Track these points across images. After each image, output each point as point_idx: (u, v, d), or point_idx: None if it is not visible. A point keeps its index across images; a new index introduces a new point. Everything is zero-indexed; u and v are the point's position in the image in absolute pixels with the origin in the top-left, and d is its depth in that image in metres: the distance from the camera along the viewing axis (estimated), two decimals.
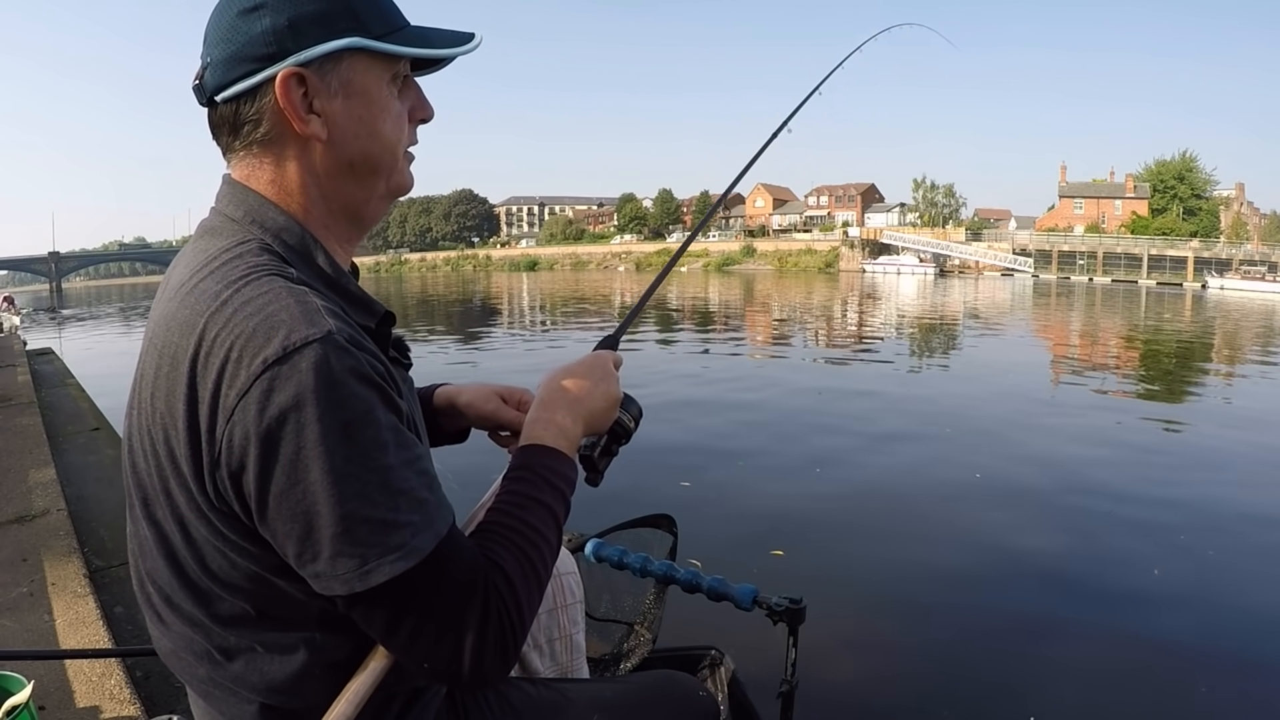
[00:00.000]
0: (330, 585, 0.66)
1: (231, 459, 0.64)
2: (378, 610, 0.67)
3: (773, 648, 1.34)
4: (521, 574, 0.73)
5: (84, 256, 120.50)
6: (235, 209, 0.76)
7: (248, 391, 0.62)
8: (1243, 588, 3.74)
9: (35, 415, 5.12)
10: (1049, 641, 3.27)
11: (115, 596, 2.53)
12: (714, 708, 1.10)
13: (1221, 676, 2.99)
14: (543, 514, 0.78)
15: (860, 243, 63.87)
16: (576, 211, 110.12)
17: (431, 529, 0.67)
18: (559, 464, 0.83)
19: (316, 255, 0.76)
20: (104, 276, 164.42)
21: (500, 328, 20.29)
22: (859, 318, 22.01)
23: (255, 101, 0.73)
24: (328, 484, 0.63)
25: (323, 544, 0.64)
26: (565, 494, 0.82)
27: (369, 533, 0.64)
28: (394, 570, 0.65)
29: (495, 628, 0.69)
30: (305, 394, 0.62)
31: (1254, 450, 6.52)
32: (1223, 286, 41.71)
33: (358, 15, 0.74)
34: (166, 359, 0.68)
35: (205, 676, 0.75)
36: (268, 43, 0.71)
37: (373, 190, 0.81)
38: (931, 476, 5.67)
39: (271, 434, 0.62)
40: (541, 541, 0.77)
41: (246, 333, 0.64)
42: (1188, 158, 60.81)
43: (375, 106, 0.77)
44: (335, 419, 0.63)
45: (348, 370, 0.64)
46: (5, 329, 15.66)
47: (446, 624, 0.68)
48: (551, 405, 0.88)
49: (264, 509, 0.64)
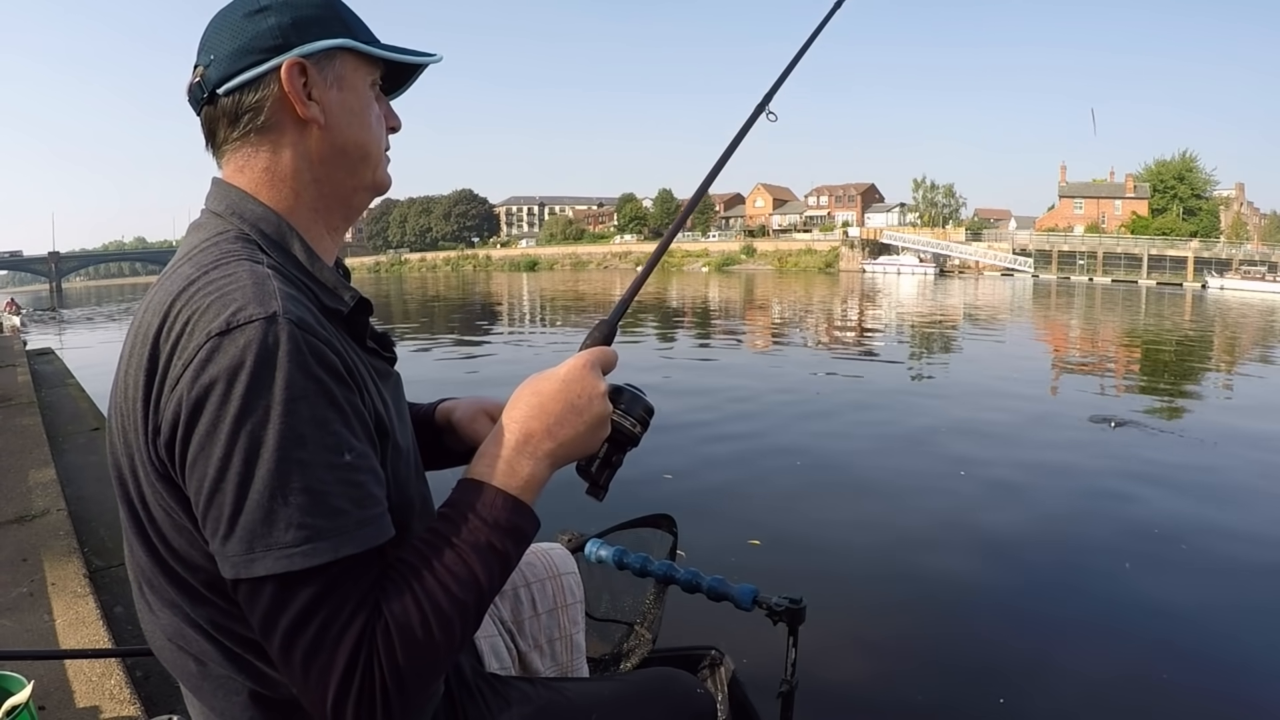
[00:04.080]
0: (224, 566, 0.64)
1: (165, 426, 0.65)
2: (254, 604, 0.64)
3: (773, 648, 1.34)
4: (412, 622, 0.65)
5: (84, 256, 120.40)
6: (219, 204, 0.80)
7: (190, 362, 0.64)
8: (1243, 589, 3.74)
9: (35, 415, 5.12)
10: (1049, 641, 3.27)
11: (115, 596, 2.53)
12: (711, 705, 1.10)
13: (1221, 677, 2.99)
14: (458, 560, 0.69)
15: (860, 243, 63.86)
16: (576, 211, 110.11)
17: (331, 541, 0.63)
18: (491, 504, 0.73)
19: (292, 243, 0.79)
20: (104, 276, 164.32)
21: (500, 328, 20.29)
22: (858, 318, 22.01)
23: (258, 91, 0.78)
24: (236, 463, 0.62)
25: (222, 521, 0.63)
26: (492, 538, 0.71)
27: (261, 523, 0.62)
28: (276, 567, 0.62)
29: (362, 675, 0.63)
30: (236, 369, 0.62)
31: (1254, 450, 6.53)
32: (1223, 286, 41.71)
33: (346, 23, 0.83)
34: (139, 339, 0.70)
35: (195, 668, 0.75)
36: (274, 36, 0.78)
37: (360, 179, 0.86)
38: (932, 476, 5.66)
39: (198, 402, 0.63)
40: (450, 586, 0.68)
41: (201, 309, 0.66)
42: (1188, 158, 60.83)
43: (362, 101, 0.84)
44: (259, 400, 0.62)
45: (285, 353, 0.64)
46: (5, 330, 15.66)
47: (312, 651, 0.63)
48: (501, 437, 0.78)
49: (187, 476, 0.65)
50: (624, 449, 0.86)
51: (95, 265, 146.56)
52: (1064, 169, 66.58)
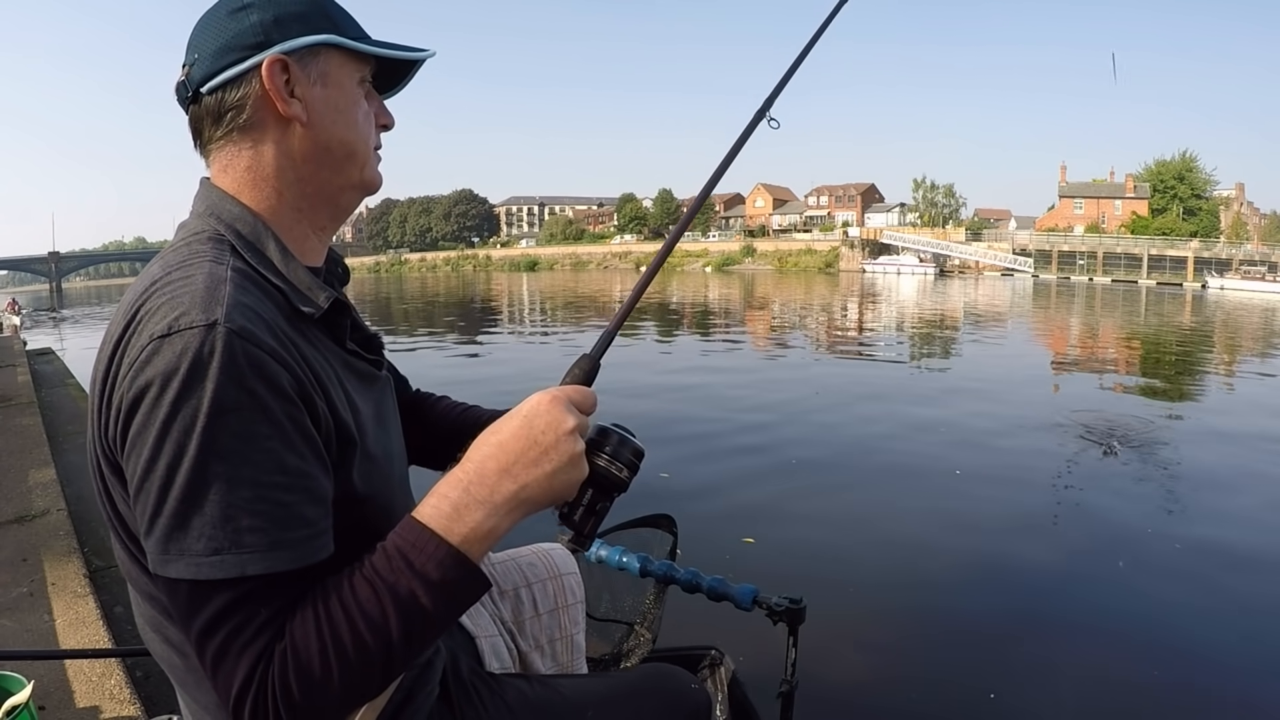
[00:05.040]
0: (148, 560, 0.66)
1: (110, 422, 0.67)
2: (173, 601, 0.66)
3: (773, 648, 1.34)
4: (310, 654, 0.63)
5: (84, 256, 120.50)
6: (200, 204, 0.81)
7: (135, 361, 0.65)
8: (1239, 588, 3.74)
9: (35, 415, 5.12)
10: (1046, 639, 3.27)
11: (115, 596, 2.53)
12: (706, 701, 1.11)
13: (1222, 677, 2.99)
14: (373, 600, 0.65)
15: (860, 243, 63.85)
16: (576, 211, 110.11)
17: (238, 557, 0.62)
18: (423, 550, 0.67)
19: (266, 244, 0.78)
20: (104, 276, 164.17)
21: (500, 328, 20.29)
22: (858, 318, 22.01)
23: (240, 89, 0.78)
24: (160, 467, 0.63)
25: (144, 518, 0.65)
26: (415, 587, 0.66)
27: (175, 526, 0.63)
28: (185, 573, 0.63)
29: (257, 690, 0.62)
30: (170, 374, 0.63)
31: (1254, 449, 6.53)
32: (1223, 286, 41.71)
33: (332, 19, 0.82)
34: (108, 337, 0.71)
35: (180, 660, 0.76)
36: (255, 33, 0.77)
37: (347, 178, 0.84)
38: (929, 476, 5.66)
39: (134, 402, 0.64)
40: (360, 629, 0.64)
41: (152, 310, 0.67)
42: (1188, 158, 60.83)
43: (348, 98, 0.83)
44: (185, 407, 0.63)
45: (219, 364, 0.63)
46: (6, 329, 15.67)
47: (218, 658, 0.63)
48: (454, 477, 0.71)
49: (122, 468, 0.67)
50: (610, 495, 0.80)
51: (95, 265, 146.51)
52: (1064, 169, 66.67)
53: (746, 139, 1.06)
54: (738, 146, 1.05)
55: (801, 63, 1.14)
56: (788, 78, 1.12)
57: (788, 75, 1.12)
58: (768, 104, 1.08)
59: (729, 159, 1.05)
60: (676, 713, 1.04)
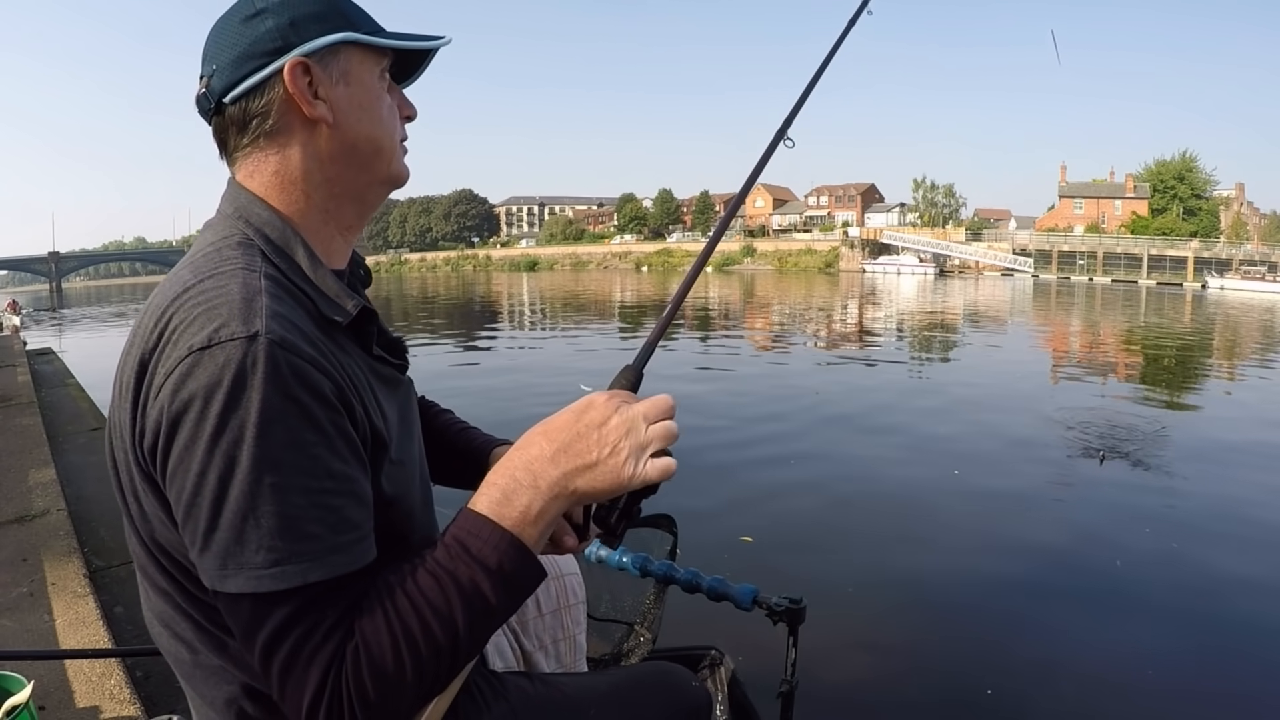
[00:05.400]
0: (201, 574, 0.66)
1: (149, 433, 0.66)
2: (233, 616, 0.66)
3: (773, 648, 1.35)
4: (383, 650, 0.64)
5: (84, 256, 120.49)
6: (229, 206, 0.80)
7: (171, 373, 0.64)
8: (1235, 588, 3.74)
9: (35, 415, 5.11)
10: (1048, 639, 3.28)
11: (115, 596, 2.53)
12: (707, 699, 1.11)
13: (1220, 676, 2.99)
14: (438, 592, 0.67)
15: (860, 243, 63.85)
16: (576, 211, 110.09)
17: (300, 565, 0.63)
18: (482, 539, 0.69)
19: (295, 249, 0.78)
20: (104, 276, 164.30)
21: (501, 328, 20.28)
22: (858, 318, 22.01)
23: (264, 95, 0.77)
24: (210, 482, 0.63)
25: (197, 535, 0.64)
26: (477, 576, 0.68)
27: (234, 542, 0.63)
28: (246, 587, 0.63)
29: (330, 696, 0.63)
30: (214, 387, 0.63)
31: (1254, 448, 6.53)
32: (1223, 286, 41.71)
33: (347, 16, 0.81)
34: (137, 339, 0.71)
35: (188, 656, 0.76)
36: (273, 39, 0.77)
37: (374, 174, 0.84)
38: (928, 476, 5.66)
39: (176, 418, 0.64)
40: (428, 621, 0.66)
41: (188, 320, 0.66)
42: (1188, 158, 60.82)
43: (371, 94, 0.82)
44: (233, 420, 0.62)
45: (263, 375, 0.63)
46: (6, 329, 15.67)
47: (287, 668, 0.63)
48: (504, 466, 0.74)
49: (162, 484, 0.67)
50: (644, 497, 0.81)
51: (95, 265, 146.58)
52: (1064, 169, 66.65)
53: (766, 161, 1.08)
54: (758, 170, 1.08)
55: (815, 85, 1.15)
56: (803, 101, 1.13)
57: (803, 98, 1.13)
58: (786, 125, 1.10)
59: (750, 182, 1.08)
60: (677, 710, 1.04)
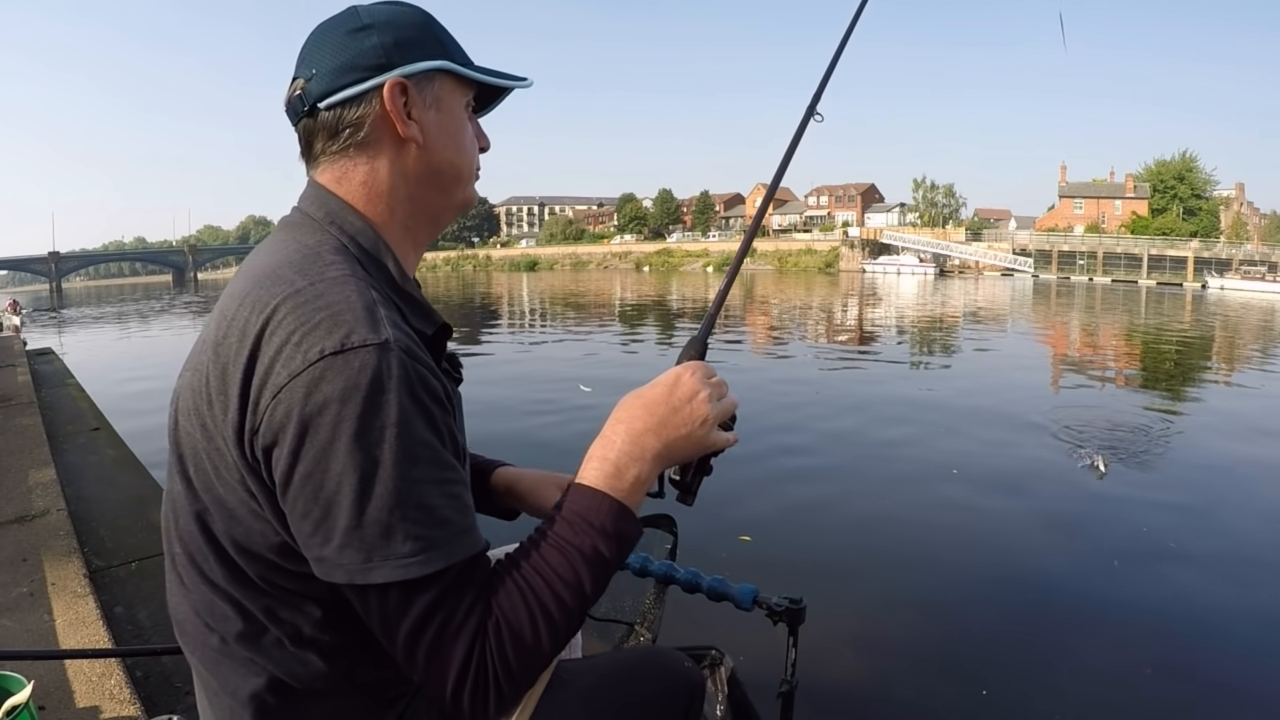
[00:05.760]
0: (332, 572, 0.68)
1: (269, 432, 0.68)
2: (374, 606, 0.69)
3: (773, 648, 1.34)
4: (521, 621, 0.70)
5: (84, 256, 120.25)
6: (317, 209, 0.82)
7: (299, 374, 0.66)
8: (1231, 587, 3.74)
9: (35, 415, 5.11)
10: (1047, 638, 3.28)
11: (115, 596, 2.53)
12: (699, 679, 1.12)
13: (1222, 675, 2.99)
14: (563, 562, 0.74)
15: (860, 243, 63.83)
16: (576, 211, 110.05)
17: (445, 549, 0.68)
18: (597, 509, 0.76)
19: (386, 260, 0.81)
20: (104, 276, 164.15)
21: (501, 328, 20.28)
22: (858, 318, 22.01)
23: (360, 107, 0.80)
24: (351, 480, 0.66)
25: (335, 532, 0.67)
26: (597, 542, 0.75)
27: (379, 535, 0.66)
28: (393, 575, 0.66)
29: (476, 667, 0.68)
30: (351, 391, 0.66)
31: (1254, 448, 6.53)
32: (1223, 286, 41.69)
33: (444, 45, 0.86)
34: (235, 330, 0.72)
35: (217, 645, 0.78)
36: (377, 56, 0.80)
37: (451, 198, 0.89)
38: (927, 475, 5.66)
39: (310, 419, 0.66)
40: (557, 590, 0.72)
41: (312, 322, 0.68)
42: (1188, 158, 60.81)
43: (458, 122, 0.87)
44: (373, 422, 0.66)
45: (396, 380, 0.67)
46: (6, 329, 15.67)
47: (433, 649, 0.68)
48: (609, 440, 0.80)
49: (287, 486, 0.68)
50: (711, 458, 0.88)
51: (95, 265, 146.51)
52: (1064, 169, 66.65)
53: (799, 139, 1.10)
54: (791, 148, 1.10)
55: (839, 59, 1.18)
56: (829, 75, 1.16)
57: (828, 72, 1.16)
58: (814, 101, 1.12)
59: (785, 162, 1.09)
60: (674, 689, 1.05)
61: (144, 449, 4.71)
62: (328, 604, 0.75)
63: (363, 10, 0.83)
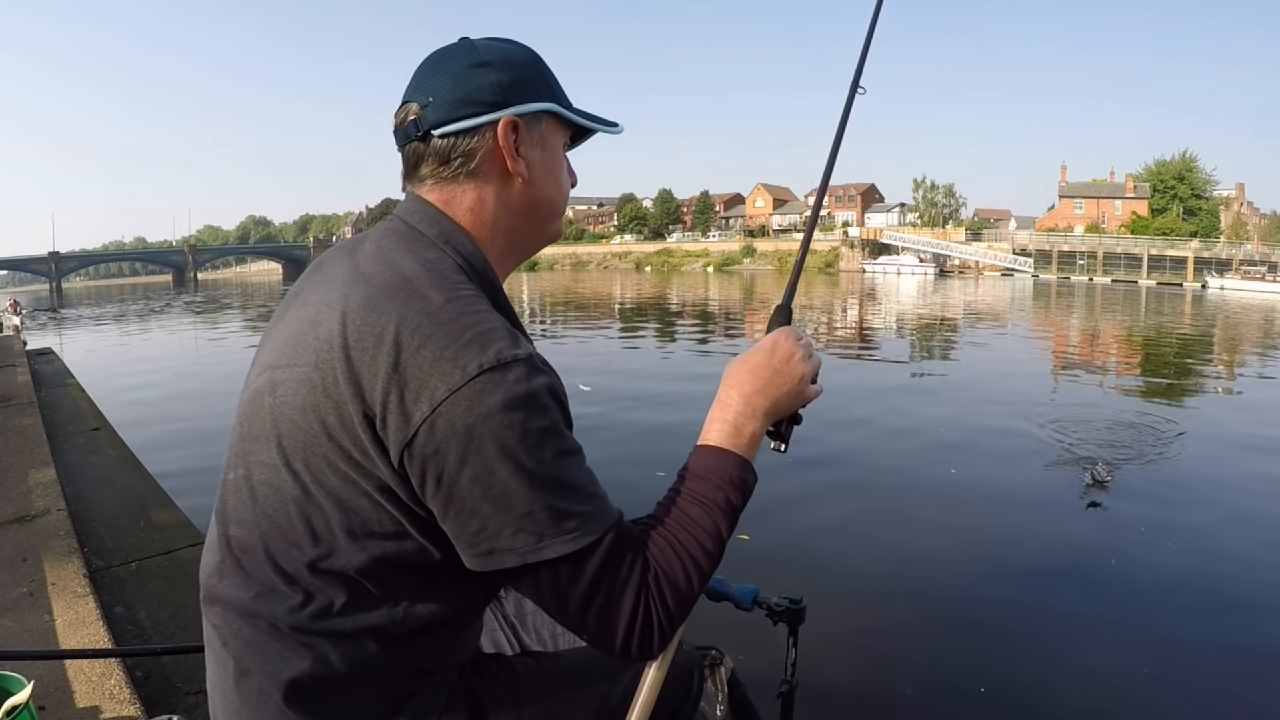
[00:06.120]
0: (502, 559, 0.75)
1: (429, 443, 0.73)
2: (546, 581, 0.76)
3: (773, 648, 1.35)
4: (676, 570, 0.80)
5: (84, 256, 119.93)
6: (430, 227, 0.86)
7: (459, 389, 0.72)
8: (1228, 585, 3.74)
9: (35, 415, 5.11)
10: (1048, 638, 3.28)
11: (115, 596, 2.53)
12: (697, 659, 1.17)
13: (1221, 674, 2.99)
14: (703, 514, 0.84)
15: (860, 243, 63.83)
16: (576, 211, 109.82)
17: (601, 520, 0.77)
18: (725, 464, 0.87)
19: (492, 283, 0.88)
20: (104, 276, 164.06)
21: None
22: (857, 318, 22.01)
23: (473, 139, 0.86)
24: (522, 476, 0.73)
25: (507, 524, 0.74)
26: (729, 494, 0.86)
27: (549, 518, 0.74)
28: (564, 549, 0.75)
29: (643, 615, 0.78)
30: (512, 400, 0.73)
31: (1251, 449, 6.53)
32: (1223, 286, 41.68)
33: (552, 88, 0.92)
34: (370, 337, 0.75)
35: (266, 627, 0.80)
36: (494, 93, 0.86)
37: (545, 230, 0.96)
38: (926, 475, 5.67)
39: (475, 428, 0.72)
40: (701, 539, 0.82)
41: (463, 340, 0.74)
42: (1188, 158, 60.79)
43: (559, 161, 0.94)
44: (533, 424, 0.74)
45: (542, 387, 0.76)
46: (6, 329, 15.67)
47: (605, 607, 0.77)
48: (725, 404, 0.91)
49: (453, 490, 0.74)
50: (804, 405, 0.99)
51: (95, 265, 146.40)
52: (1064, 169, 66.61)
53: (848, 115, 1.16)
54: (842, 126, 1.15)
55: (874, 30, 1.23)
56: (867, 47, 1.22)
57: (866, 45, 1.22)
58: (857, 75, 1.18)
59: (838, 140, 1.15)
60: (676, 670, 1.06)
61: (144, 449, 4.71)
62: (411, 594, 0.81)
63: (480, 46, 0.88)
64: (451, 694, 0.89)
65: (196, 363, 14.78)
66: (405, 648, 0.83)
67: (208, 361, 14.83)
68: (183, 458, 5.94)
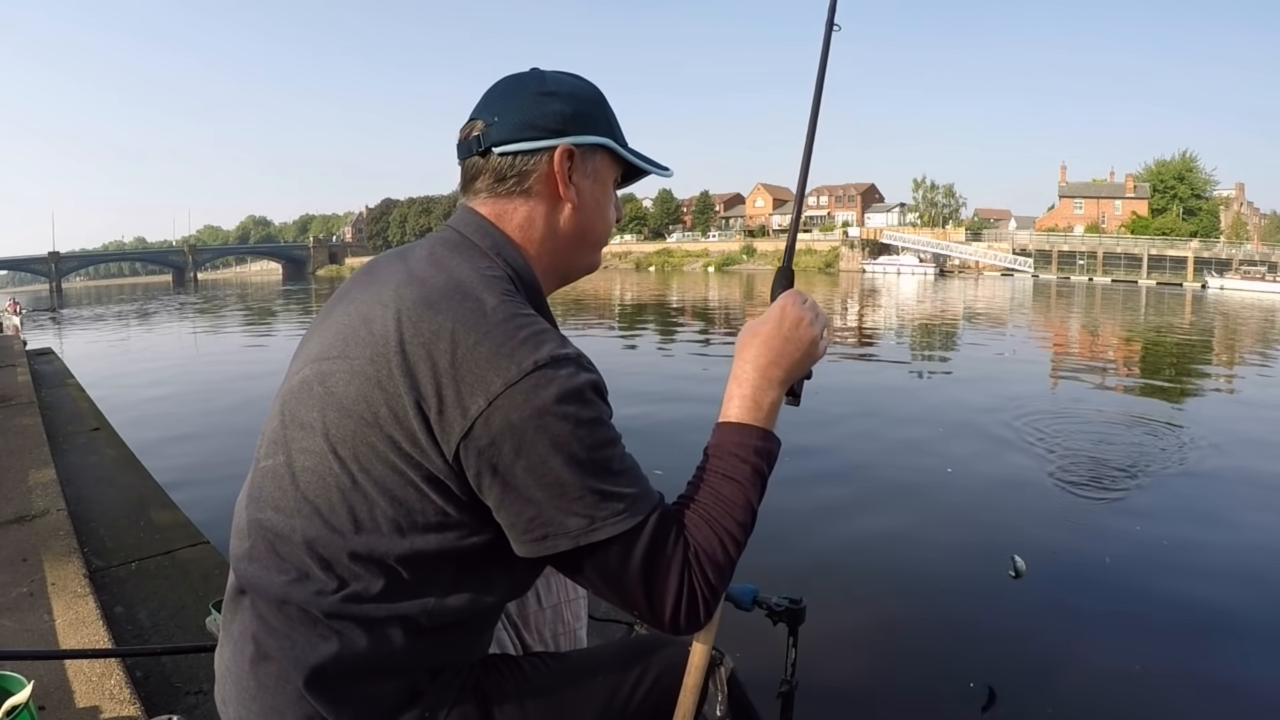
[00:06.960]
0: (557, 543, 0.79)
1: (485, 436, 0.76)
2: (597, 562, 0.80)
3: (773, 648, 1.35)
4: (714, 545, 0.84)
5: (84, 256, 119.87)
6: (482, 238, 0.91)
7: (515, 383, 0.76)
8: (1225, 586, 3.74)
9: (35, 415, 5.11)
10: (1047, 638, 3.28)
11: (115, 596, 2.53)
12: None
13: (1222, 675, 2.99)
14: (733, 489, 0.88)
15: (860, 243, 63.89)
16: None
17: (646, 501, 0.82)
18: (749, 438, 0.91)
19: (538, 295, 0.93)
20: (104, 276, 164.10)
21: None
22: (857, 318, 22.01)
23: (530, 160, 0.91)
24: (574, 465, 0.77)
25: (561, 509, 0.78)
26: (755, 465, 0.89)
27: (599, 501, 0.78)
28: (615, 530, 0.79)
29: (688, 589, 0.82)
30: (564, 395, 0.77)
31: (1254, 442, 6.53)
32: (1223, 286, 41.72)
33: (611, 126, 0.97)
34: (425, 334, 0.79)
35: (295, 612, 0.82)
36: (556, 121, 0.91)
37: (586, 258, 1.00)
38: (926, 475, 5.67)
39: (531, 422, 0.76)
40: (733, 513, 0.86)
41: (519, 338, 0.78)
42: (1188, 158, 60.82)
43: (608, 194, 0.99)
44: (584, 416, 0.78)
45: (589, 383, 0.80)
46: (7, 329, 15.67)
47: (654, 584, 0.81)
48: (741, 379, 0.94)
49: (509, 480, 0.78)
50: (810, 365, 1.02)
51: (95, 265, 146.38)
52: (1064, 169, 66.66)
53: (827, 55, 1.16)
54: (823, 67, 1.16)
55: None
56: None
57: None
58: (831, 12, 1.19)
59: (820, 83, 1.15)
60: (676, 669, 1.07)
61: (144, 449, 4.71)
62: (444, 587, 0.84)
63: (549, 77, 0.94)
64: (461, 690, 0.91)
65: (197, 362, 14.78)
66: (430, 640, 0.85)
67: (208, 361, 14.83)
68: (183, 458, 5.94)
